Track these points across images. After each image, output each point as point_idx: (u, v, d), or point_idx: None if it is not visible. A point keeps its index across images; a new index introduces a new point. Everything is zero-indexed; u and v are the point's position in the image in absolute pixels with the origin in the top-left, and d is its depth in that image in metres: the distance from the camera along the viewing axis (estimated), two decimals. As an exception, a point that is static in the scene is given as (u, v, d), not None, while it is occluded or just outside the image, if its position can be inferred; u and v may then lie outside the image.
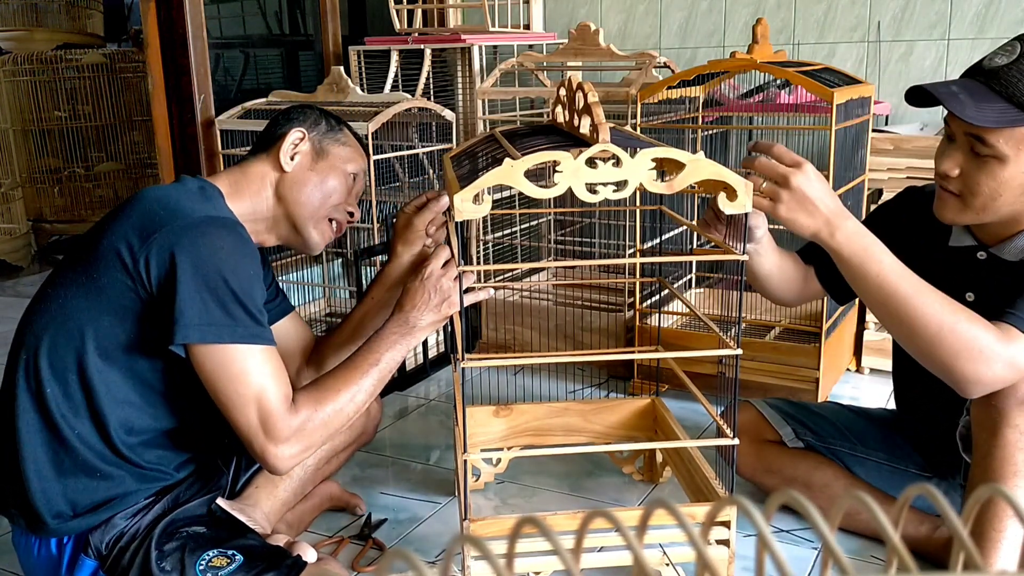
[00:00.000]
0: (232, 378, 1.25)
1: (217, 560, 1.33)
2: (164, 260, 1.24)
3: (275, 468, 1.30)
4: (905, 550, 0.36)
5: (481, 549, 0.35)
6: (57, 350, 1.30)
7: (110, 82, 4.33)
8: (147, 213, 1.29)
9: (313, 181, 1.46)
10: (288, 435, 1.27)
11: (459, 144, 2.71)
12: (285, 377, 1.31)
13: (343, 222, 1.52)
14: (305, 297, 2.83)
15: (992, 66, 1.33)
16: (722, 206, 1.27)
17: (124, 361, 1.31)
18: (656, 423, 1.91)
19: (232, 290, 1.25)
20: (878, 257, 1.29)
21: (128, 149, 4.48)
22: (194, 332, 1.23)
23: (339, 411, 1.32)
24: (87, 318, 1.29)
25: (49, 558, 1.36)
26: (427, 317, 1.39)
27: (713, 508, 0.40)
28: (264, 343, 1.28)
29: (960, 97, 1.30)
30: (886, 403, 2.22)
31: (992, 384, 1.29)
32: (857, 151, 2.23)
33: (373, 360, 1.37)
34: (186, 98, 2.91)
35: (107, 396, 1.31)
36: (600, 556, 1.46)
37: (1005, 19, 2.71)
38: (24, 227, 4.16)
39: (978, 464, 1.36)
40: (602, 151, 1.22)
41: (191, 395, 1.35)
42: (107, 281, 1.28)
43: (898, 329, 1.32)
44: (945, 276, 1.36)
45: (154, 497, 1.39)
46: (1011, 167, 1.30)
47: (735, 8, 3.09)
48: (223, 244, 1.26)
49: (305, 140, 1.47)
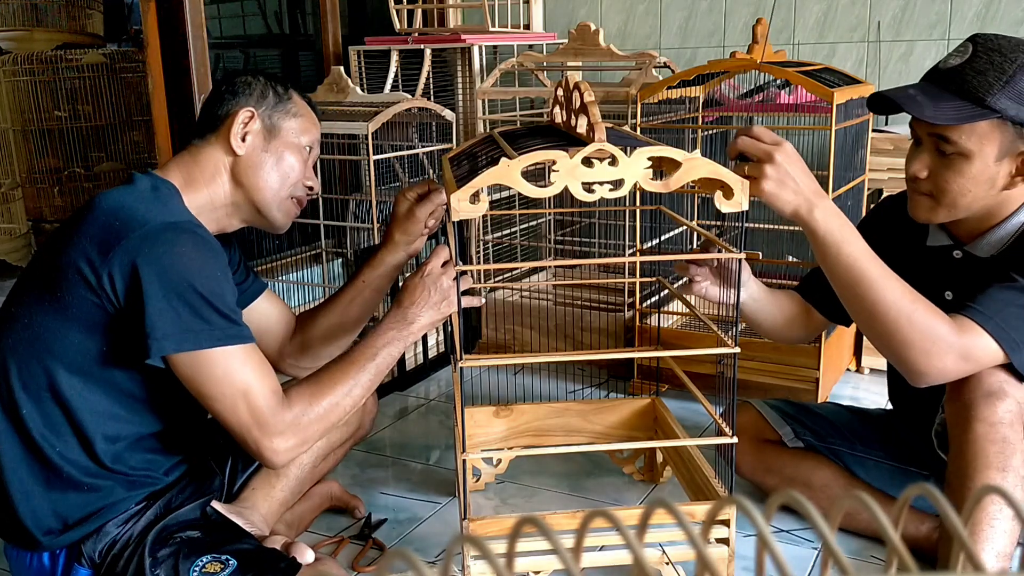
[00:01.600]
0: (216, 381, 1.24)
1: (211, 566, 1.32)
2: (127, 273, 1.22)
3: (272, 463, 1.29)
4: (905, 550, 0.36)
5: (481, 549, 0.35)
6: (29, 370, 1.28)
7: (110, 82, 4.33)
8: (103, 226, 1.25)
9: (269, 163, 1.41)
10: (282, 429, 1.26)
11: (459, 144, 2.71)
12: (269, 371, 1.30)
13: (303, 198, 1.48)
14: (305, 297, 2.83)
15: (947, 67, 1.37)
16: (719, 205, 1.27)
17: (100, 374, 1.29)
18: (657, 423, 1.91)
19: (201, 294, 1.22)
20: (851, 239, 1.31)
21: (128, 149, 4.48)
22: (169, 343, 1.21)
23: (335, 405, 1.32)
24: (55, 337, 1.27)
25: (42, 570, 1.35)
26: (426, 315, 1.39)
27: (713, 508, 0.40)
28: (243, 342, 1.27)
29: (918, 99, 1.34)
30: (886, 403, 2.22)
31: (940, 376, 1.31)
32: (857, 151, 2.23)
33: (370, 355, 1.36)
34: (186, 98, 2.91)
35: (86, 411, 1.29)
36: (600, 555, 1.46)
37: (1005, 19, 2.71)
38: (24, 227, 4.16)
39: (952, 459, 1.37)
40: (598, 150, 1.22)
41: (175, 399, 1.34)
42: (72, 299, 1.25)
43: (860, 314, 1.34)
44: (924, 277, 1.38)
45: (145, 503, 1.38)
46: (977, 162, 1.34)
47: (735, 8, 3.09)
48: (184, 250, 1.24)
49: (255, 119, 1.40)
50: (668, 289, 1.87)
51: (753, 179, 1.29)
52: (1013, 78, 1.31)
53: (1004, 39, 1.35)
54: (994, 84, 1.31)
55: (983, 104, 1.31)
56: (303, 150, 1.46)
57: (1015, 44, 1.34)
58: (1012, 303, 1.31)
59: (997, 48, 1.33)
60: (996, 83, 1.31)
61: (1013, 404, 1.32)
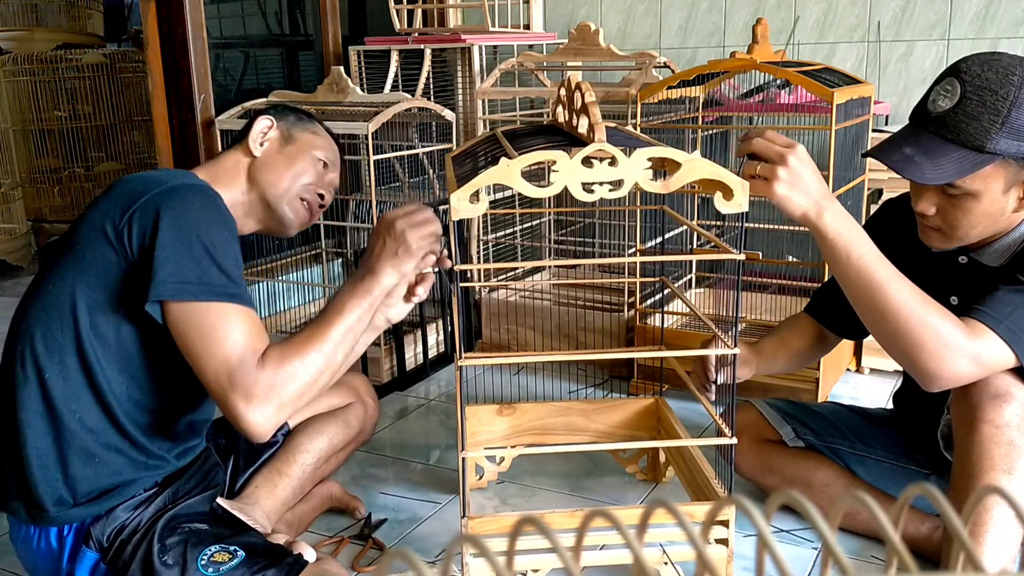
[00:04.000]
0: (203, 335, 1.24)
1: (219, 555, 1.33)
2: (143, 223, 1.27)
3: (250, 429, 1.24)
4: (905, 550, 0.36)
5: (480, 548, 0.35)
6: (52, 333, 1.31)
7: (110, 82, 4.33)
8: (127, 192, 1.33)
9: (281, 162, 1.51)
10: (257, 391, 1.22)
11: (459, 144, 2.71)
12: (261, 335, 1.28)
13: (314, 203, 1.55)
14: (305, 297, 2.83)
15: (938, 111, 1.33)
16: (719, 205, 1.27)
17: (115, 339, 1.32)
18: (659, 423, 1.91)
19: (207, 248, 1.26)
20: (860, 242, 1.30)
21: (128, 149, 4.48)
22: (168, 289, 1.24)
23: (306, 363, 1.26)
24: (77, 294, 1.31)
25: (50, 550, 1.36)
26: (387, 264, 1.34)
27: (713, 508, 0.40)
28: (239, 302, 1.27)
29: (915, 160, 1.31)
30: (886, 403, 2.22)
31: (953, 379, 1.30)
32: (857, 151, 2.23)
33: (336, 310, 1.32)
34: (186, 98, 2.91)
35: (104, 376, 1.32)
36: (600, 554, 1.46)
37: (1005, 19, 2.71)
38: (24, 227, 4.16)
39: (958, 460, 1.36)
40: (598, 150, 1.22)
41: (179, 375, 1.34)
42: (92, 256, 1.30)
43: (870, 316, 1.33)
44: (929, 281, 1.37)
45: (155, 489, 1.39)
46: (985, 200, 1.32)
47: (735, 8, 3.09)
48: (198, 206, 1.30)
49: (273, 128, 1.53)
50: (670, 288, 1.87)
51: (764, 180, 1.28)
52: (1008, 117, 1.27)
53: (991, 71, 1.29)
54: (990, 128, 1.27)
55: (983, 151, 1.28)
56: (317, 161, 1.55)
57: (1003, 75, 1.29)
58: (1021, 306, 1.30)
59: (987, 86, 1.28)
60: (992, 127, 1.27)
61: (1020, 407, 1.31)
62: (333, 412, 1.74)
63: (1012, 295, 1.32)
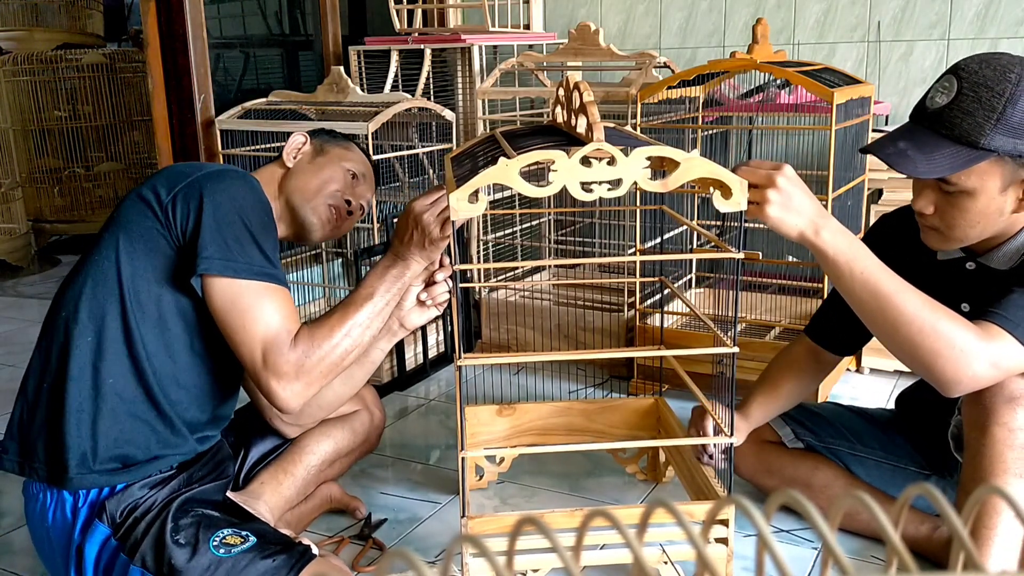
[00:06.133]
0: (242, 312, 1.33)
1: (231, 538, 1.35)
2: (191, 199, 1.35)
3: (280, 403, 1.35)
4: (905, 550, 0.36)
5: (480, 548, 0.35)
6: (96, 298, 1.37)
7: (110, 82, 4.33)
8: (174, 172, 1.42)
9: (310, 170, 1.60)
10: (288, 370, 1.33)
11: (459, 144, 2.71)
12: (294, 316, 1.37)
13: (341, 208, 1.61)
14: (305, 297, 2.83)
15: (934, 107, 1.32)
16: (717, 204, 1.26)
17: (153, 306, 1.38)
18: (659, 423, 1.91)
19: (248, 228, 1.35)
20: (861, 255, 1.28)
21: (128, 149, 4.48)
22: (214, 265, 1.31)
23: (334, 345, 1.37)
24: (122, 263, 1.37)
25: (64, 522, 1.38)
26: (414, 251, 1.44)
27: (713, 508, 0.40)
28: (276, 282, 1.36)
29: (908, 154, 1.30)
30: (886, 403, 2.22)
31: (973, 384, 1.28)
32: (857, 151, 2.23)
33: (366, 294, 1.42)
34: (186, 98, 2.91)
35: (144, 341, 1.37)
36: (600, 554, 1.46)
37: (1005, 19, 2.71)
38: (24, 227, 4.16)
39: (968, 462, 1.36)
40: (596, 150, 1.22)
41: (213, 355, 1.43)
42: (138, 229, 1.37)
43: (881, 328, 1.31)
44: (938, 290, 1.35)
45: (171, 471, 1.42)
46: (982, 198, 1.31)
47: (735, 8, 3.09)
48: (242, 189, 1.39)
49: (307, 143, 1.64)
50: (670, 288, 1.87)
51: (756, 205, 1.26)
52: (1003, 114, 1.26)
53: (989, 68, 1.29)
54: (985, 124, 1.26)
55: (977, 147, 1.27)
56: (347, 172, 1.62)
57: (1000, 73, 1.28)
58: None
59: (983, 82, 1.28)
60: (987, 123, 1.26)
61: None
62: (341, 418, 1.76)
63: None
